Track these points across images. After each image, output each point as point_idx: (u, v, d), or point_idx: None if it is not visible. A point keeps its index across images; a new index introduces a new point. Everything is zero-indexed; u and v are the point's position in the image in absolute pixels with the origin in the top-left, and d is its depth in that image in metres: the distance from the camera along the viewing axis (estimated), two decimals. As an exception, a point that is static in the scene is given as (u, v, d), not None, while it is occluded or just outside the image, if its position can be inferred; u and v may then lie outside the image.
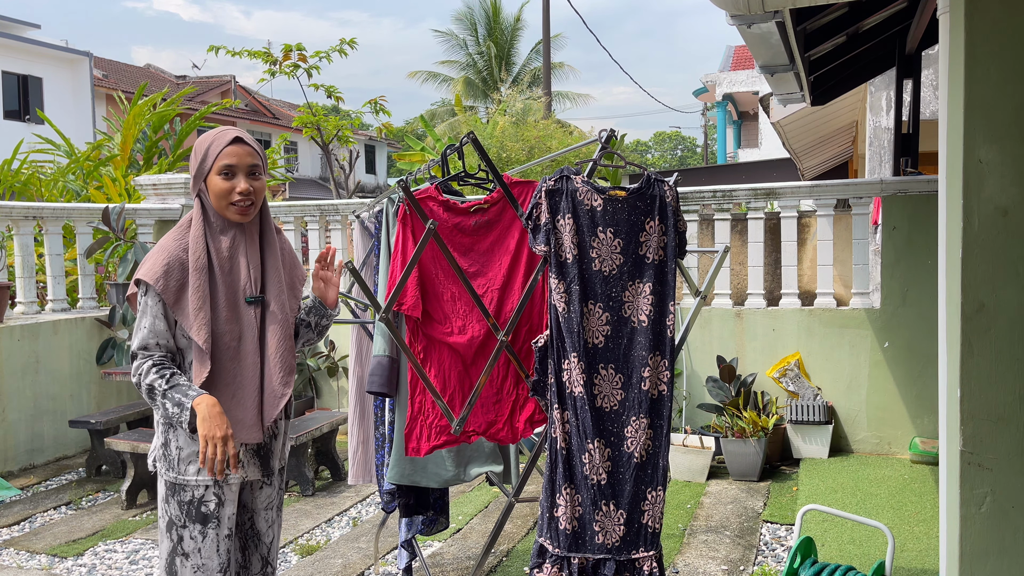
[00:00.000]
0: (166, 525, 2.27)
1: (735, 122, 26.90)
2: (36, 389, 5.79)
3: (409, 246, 2.86)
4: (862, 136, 9.08)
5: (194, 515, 2.24)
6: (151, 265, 2.21)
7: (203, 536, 2.25)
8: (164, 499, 2.27)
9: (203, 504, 2.25)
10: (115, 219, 6.10)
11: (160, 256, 2.22)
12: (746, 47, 6.88)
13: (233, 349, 2.26)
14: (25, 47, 23.80)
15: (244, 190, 2.26)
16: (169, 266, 2.21)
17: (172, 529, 2.25)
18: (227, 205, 2.26)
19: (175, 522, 2.25)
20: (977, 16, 2.29)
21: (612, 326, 2.74)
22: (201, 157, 2.28)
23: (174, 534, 2.25)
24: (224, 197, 2.26)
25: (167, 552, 2.27)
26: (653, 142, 59.73)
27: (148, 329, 2.21)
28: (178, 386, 2.16)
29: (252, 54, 9.79)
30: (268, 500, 2.44)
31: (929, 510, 4.42)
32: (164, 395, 2.15)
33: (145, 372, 2.18)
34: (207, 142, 2.30)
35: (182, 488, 2.25)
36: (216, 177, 2.25)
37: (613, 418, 2.73)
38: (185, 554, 2.25)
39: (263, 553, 2.45)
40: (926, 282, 5.34)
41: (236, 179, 2.26)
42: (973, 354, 2.33)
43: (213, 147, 2.27)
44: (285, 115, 31.64)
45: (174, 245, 2.24)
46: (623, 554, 2.72)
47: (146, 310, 2.22)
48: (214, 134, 2.31)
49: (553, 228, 2.72)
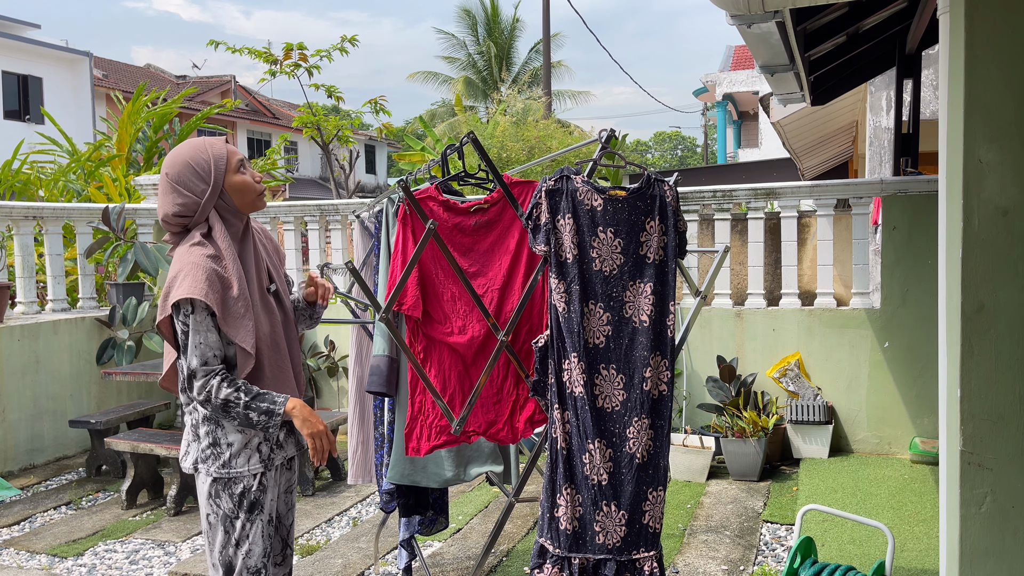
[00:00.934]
0: (221, 519, 2.35)
1: (735, 122, 26.91)
2: (36, 389, 5.79)
3: (409, 246, 2.86)
4: (862, 136, 9.08)
5: (245, 505, 2.35)
6: (192, 282, 2.20)
7: (251, 523, 2.36)
8: (213, 496, 2.34)
9: (251, 493, 2.36)
10: (115, 219, 6.10)
11: (197, 272, 2.21)
12: (746, 47, 6.88)
13: (271, 340, 2.36)
14: (25, 47, 23.81)
15: (257, 176, 2.37)
16: (210, 280, 2.22)
17: (226, 521, 2.35)
18: (255, 197, 2.35)
19: (229, 515, 2.35)
20: (977, 16, 2.29)
21: (613, 326, 2.74)
22: (212, 167, 2.28)
23: (229, 525, 2.35)
24: (250, 191, 2.34)
25: (221, 544, 2.36)
26: (653, 142, 59.73)
27: (205, 344, 2.23)
28: (259, 395, 2.25)
29: (253, 52, 9.78)
30: (288, 483, 2.56)
31: (929, 510, 4.42)
32: (247, 407, 2.23)
33: (216, 388, 2.22)
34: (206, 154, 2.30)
35: (235, 481, 2.34)
36: (237, 176, 2.32)
37: (615, 419, 2.73)
38: (237, 543, 2.36)
39: (283, 535, 2.55)
40: (926, 282, 5.34)
41: (248, 170, 2.36)
42: (973, 354, 2.33)
43: (217, 153, 2.31)
44: (285, 115, 31.64)
45: (204, 260, 2.23)
46: (624, 554, 2.72)
47: (198, 327, 2.22)
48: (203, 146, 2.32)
49: (553, 228, 2.72)
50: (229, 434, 2.33)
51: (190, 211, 2.28)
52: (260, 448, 2.36)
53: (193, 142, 2.35)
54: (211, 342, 2.24)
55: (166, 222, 2.31)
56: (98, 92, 25.51)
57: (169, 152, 2.35)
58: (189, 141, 2.38)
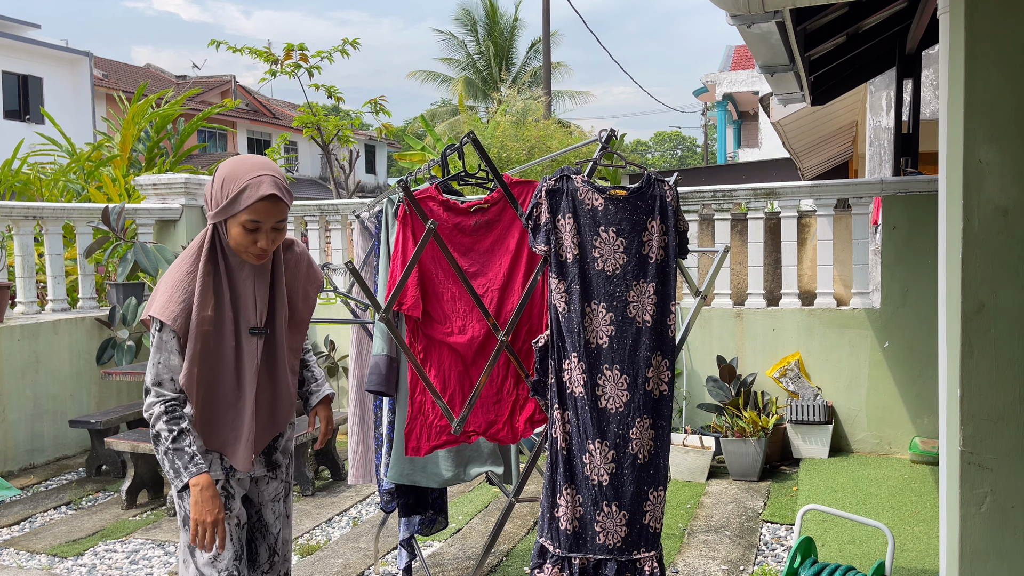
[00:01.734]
0: (182, 519, 2.32)
1: (735, 122, 26.91)
2: (36, 389, 5.79)
3: (409, 246, 2.86)
4: (862, 136, 9.08)
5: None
6: (165, 302, 2.18)
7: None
8: (179, 494, 2.29)
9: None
10: (115, 219, 6.10)
11: (174, 292, 2.19)
12: (746, 47, 6.88)
13: (233, 379, 2.28)
14: (25, 47, 23.81)
15: (264, 248, 2.21)
16: (184, 302, 2.19)
17: (187, 523, 2.30)
18: (244, 251, 2.23)
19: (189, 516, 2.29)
20: (977, 16, 2.29)
21: (617, 326, 2.73)
22: (230, 199, 2.16)
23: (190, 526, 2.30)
24: (244, 249, 2.22)
25: (186, 544, 2.34)
26: (653, 142, 59.73)
27: (163, 364, 2.20)
28: (181, 451, 2.17)
29: (254, 52, 9.78)
30: (275, 493, 2.51)
31: (929, 510, 4.42)
32: (166, 453, 2.18)
33: (156, 417, 2.19)
34: (240, 184, 2.15)
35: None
36: (238, 228, 2.17)
37: (619, 419, 2.73)
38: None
39: (270, 543, 2.51)
40: (926, 282, 5.34)
41: (259, 233, 2.19)
42: (973, 354, 2.33)
43: (246, 196, 2.14)
44: (285, 115, 31.65)
45: (186, 280, 2.20)
46: (625, 554, 2.72)
47: (161, 346, 2.20)
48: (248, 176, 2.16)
49: (553, 228, 2.72)
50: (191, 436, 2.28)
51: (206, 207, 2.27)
52: (223, 457, 2.32)
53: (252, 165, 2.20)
54: (171, 364, 2.20)
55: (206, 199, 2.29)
56: (98, 92, 25.52)
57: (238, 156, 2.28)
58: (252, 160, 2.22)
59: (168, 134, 9.62)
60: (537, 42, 27.52)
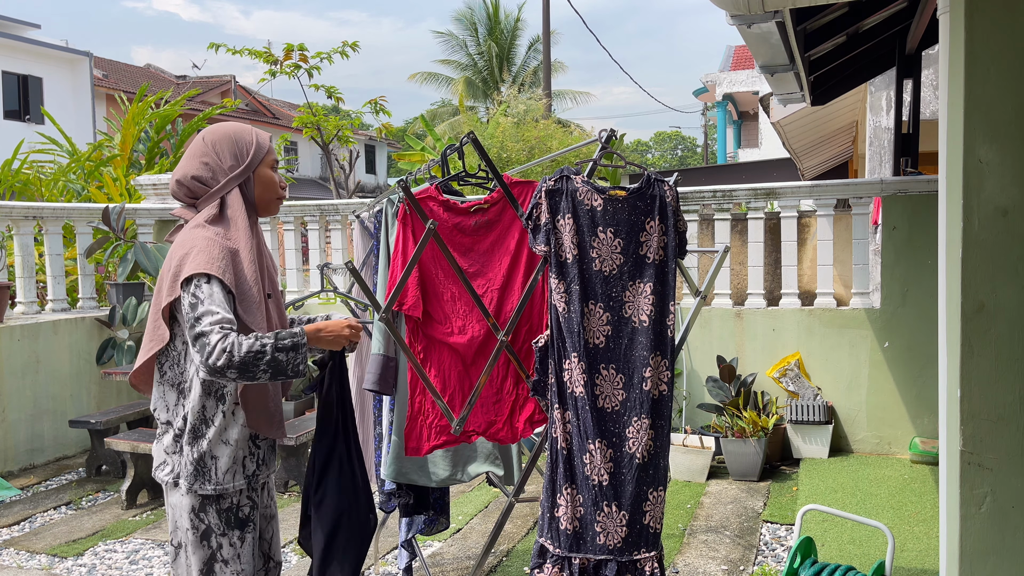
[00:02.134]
0: (200, 536, 2.23)
1: (735, 122, 26.90)
2: (36, 389, 5.79)
3: (409, 246, 2.86)
4: (862, 136, 9.07)
5: (233, 521, 2.25)
6: (207, 258, 2.09)
7: (242, 541, 2.27)
8: (195, 511, 2.22)
9: (240, 510, 2.26)
10: (115, 219, 6.10)
11: (213, 249, 2.12)
12: (746, 47, 6.89)
13: None
14: (25, 47, 23.80)
15: (283, 183, 2.38)
16: (225, 258, 2.13)
17: (210, 538, 2.23)
18: (274, 198, 2.34)
19: (214, 530, 2.24)
20: (977, 16, 2.29)
21: (613, 326, 2.74)
22: (252, 148, 2.28)
23: (213, 542, 2.24)
24: (274, 189, 2.33)
25: (202, 562, 2.24)
26: (653, 142, 59.73)
27: (223, 310, 2.07)
28: (278, 336, 2.10)
29: (253, 53, 9.78)
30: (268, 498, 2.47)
31: (929, 510, 4.42)
32: (275, 349, 2.07)
33: (236, 343, 2.03)
34: (250, 137, 2.29)
35: (221, 497, 2.24)
36: (267, 170, 2.31)
37: (615, 419, 2.73)
38: (225, 561, 2.25)
39: (264, 550, 2.48)
40: (926, 282, 5.34)
41: (278, 174, 2.36)
42: (973, 354, 2.33)
43: (262, 140, 2.31)
44: (285, 115, 31.64)
45: (218, 238, 2.15)
46: (625, 555, 2.72)
47: (212, 298, 2.07)
48: (250, 128, 2.33)
49: (553, 228, 2.72)
50: (215, 447, 2.21)
51: (209, 181, 2.22)
52: (245, 463, 2.26)
53: (241, 124, 2.35)
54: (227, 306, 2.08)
55: (180, 183, 2.23)
56: (98, 92, 25.51)
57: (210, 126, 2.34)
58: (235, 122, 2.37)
59: (168, 134, 9.62)
60: (537, 42, 27.53)
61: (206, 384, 2.19)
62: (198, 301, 2.07)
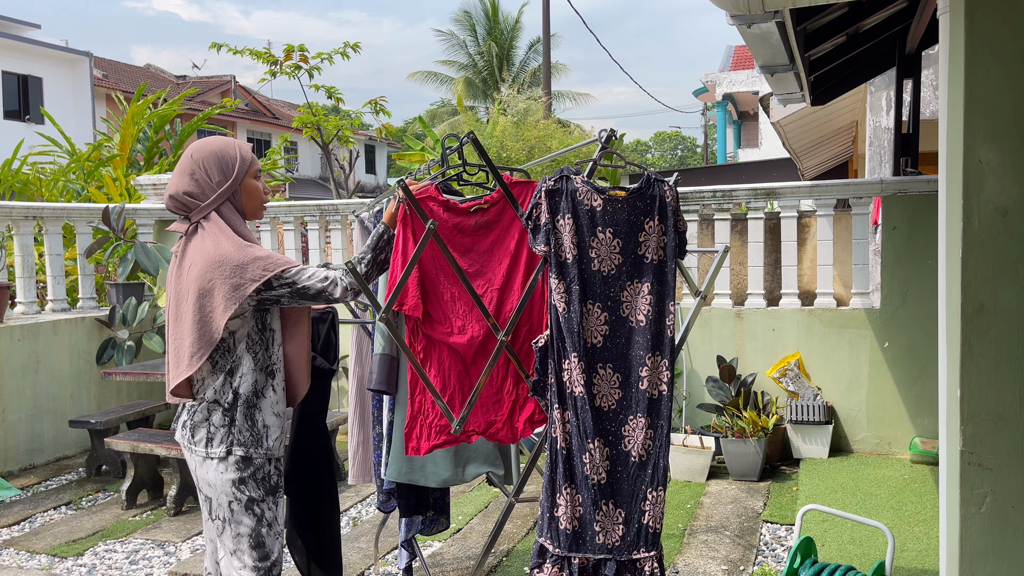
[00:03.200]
0: (245, 506, 2.43)
1: (735, 122, 26.91)
2: (36, 389, 5.79)
3: (409, 246, 2.85)
4: (862, 136, 9.08)
5: (268, 488, 2.47)
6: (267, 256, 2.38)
7: (276, 505, 2.50)
8: (236, 484, 2.41)
9: (271, 477, 2.48)
10: (115, 219, 6.10)
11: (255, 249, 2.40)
12: (746, 47, 6.89)
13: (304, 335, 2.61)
14: (25, 47, 23.80)
15: (266, 188, 2.57)
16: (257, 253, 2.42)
17: (253, 506, 2.44)
18: (259, 204, 2.53)
19: (256, 499, 2.44)
20: (977, 16, 2.29)
21: (610, 326, 2.74)
22: (236, 165, 2.45)
23: (256, 509, 2.44)
24: (258, 196, 2.52)
25: (251, 529, 2.44)
26: (653, 142, 59.72)
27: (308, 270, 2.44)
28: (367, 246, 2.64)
29: (254, 54, 9.78)
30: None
31: (929, 510, 4.42)
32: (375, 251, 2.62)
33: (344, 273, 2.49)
34: (234, 152, 2.47)
35: (258, 468, 2.45)
36: (251, 180, 2.50)
37: (611, 417, 2.74)
38: (269, 524, 2.47)
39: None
40: (926, 282, 5.34)
41: (260, 181, 2.55)
42: (973, 354, 2.33)
43: (244, 154, 2.48)
44: (285, 115, 31.64)
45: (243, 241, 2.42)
46: (624, 554, 2.72)
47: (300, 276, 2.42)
48: (233, 144, 2.49)
49: (553, 228, 2.72)
50: (267, 417, 2.45)
51: (200, 196, 2.42)
52: (284, 433, 2.51)
53: (224, 138, 2.54)
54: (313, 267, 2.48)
55: (173, 199, 2.44)
56: (98, 92, 25.50)
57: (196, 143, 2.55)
58: (219, 137, 2.56)
59: (167, 134, 9.62)
60: (537, 42, 27.53)
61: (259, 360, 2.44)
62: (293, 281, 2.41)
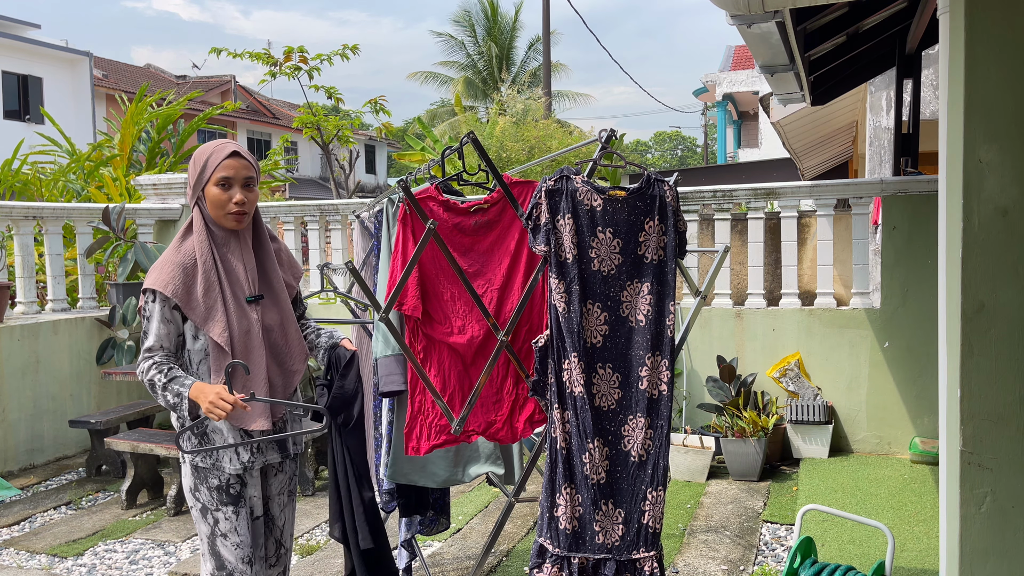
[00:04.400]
0: (200, 512, 2.46)
1: (735, 122, 26.90)
2: (36, 389, 5.79)
3: (409, 246, 2.86)
4: (862, 136, 9.08)
5: (225, 499, 2.45)
6: (157, 275, 2.37)
7: (236, 515, 2.46)
8: (193, 488, 2.46)
9: (231, 488, 2.46)
10: (115, 219, 6.10)
11: (166, 266, 2.38)
12: (746, 47, 6.89)
13: (243, 344, 2.43)
14: (25, 47, 23.79)
15: (240, 200, 2.42)
16: (174, 272, 2.37)
17: (207, 514, 2.46)
18: (224, 214, 2.43)
19: (208, 507, 2.45)
20: (977, 16, 2.29)
21: (610, 326, 2.74)
22: (200, 168, 2.43)
23: (209, 517, 2.46)
24: (221, 207, 2.42)
25: (207, 535, 2.47)
26: (653, 142, 59.71)
27: (154, 333, 2.37)
28: (175, 379, 2.35)
29: (254, 56, 9.79)
30: (280, 486, 2.64)
31: (929, 510, 4.42)
32: (164, 388, 2.34)
33: (147, 370, 2.36)
34: (206, 154, 2.44)
35: (211, 476, 2.45)
36: (214, 188, 2.41)
37: (611, 417, 2.74)
38: (224, 534, 2.45)
39: (277, 536, 2.64)
40: (926, 282, 5.33)
41: (232, 190, 2.42)
42: (973, 354, 2.33)
43: (212, 159, 2.41)
44: (285, 115, 31.64)
45: (177, 256, 2.40)
46: (624, 554, 2.72)
47: (152, 315, 2.38)
48: (213, 146, 2.46)
49: (553, 228, 2.72)
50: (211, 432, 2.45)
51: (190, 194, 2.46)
52: (239, 451, 2.46)
53: (210, 143, 2.51)
54: (160, 332, 2.37)
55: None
56: (98, 92, 25.50)
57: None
58: (215, 140, 2.54)
59: (168, 135, 9.62)
60: (536, 42, 27.52)
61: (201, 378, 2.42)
62: (146, 316, 2.39)
